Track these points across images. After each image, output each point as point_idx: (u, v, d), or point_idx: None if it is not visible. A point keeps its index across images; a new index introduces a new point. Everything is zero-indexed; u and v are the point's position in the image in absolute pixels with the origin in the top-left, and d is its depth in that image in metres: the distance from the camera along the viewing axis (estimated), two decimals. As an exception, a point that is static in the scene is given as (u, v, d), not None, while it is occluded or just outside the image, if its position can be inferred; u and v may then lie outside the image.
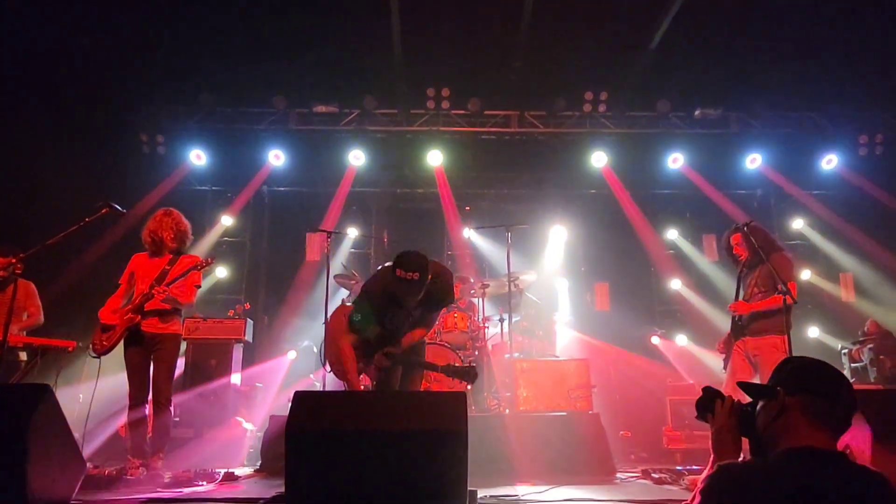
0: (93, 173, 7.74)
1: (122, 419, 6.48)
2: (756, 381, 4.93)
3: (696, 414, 2.04)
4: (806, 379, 1.78)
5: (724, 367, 5.03)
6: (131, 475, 4.30)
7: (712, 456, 1.94)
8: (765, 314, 4.73)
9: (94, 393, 4.82)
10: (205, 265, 4.78)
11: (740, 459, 1.89)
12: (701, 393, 2.04)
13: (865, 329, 7.42)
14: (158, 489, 4.15)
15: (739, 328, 4.89)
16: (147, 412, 4.68)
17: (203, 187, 9.73)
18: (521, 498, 3.57)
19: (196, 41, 7.55)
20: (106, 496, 3.68)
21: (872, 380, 6.87)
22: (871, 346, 7.06)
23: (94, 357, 4.65)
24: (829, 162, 9.24)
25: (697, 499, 1.70)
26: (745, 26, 7.45)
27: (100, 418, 6.28)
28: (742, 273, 5.12)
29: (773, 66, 8.07)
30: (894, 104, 8.90)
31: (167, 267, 4.74)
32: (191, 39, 7.52)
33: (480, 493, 3.33)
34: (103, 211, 4.60)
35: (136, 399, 4.64)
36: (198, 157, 9.04)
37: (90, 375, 6.89)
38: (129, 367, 4.67)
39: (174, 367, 4.81)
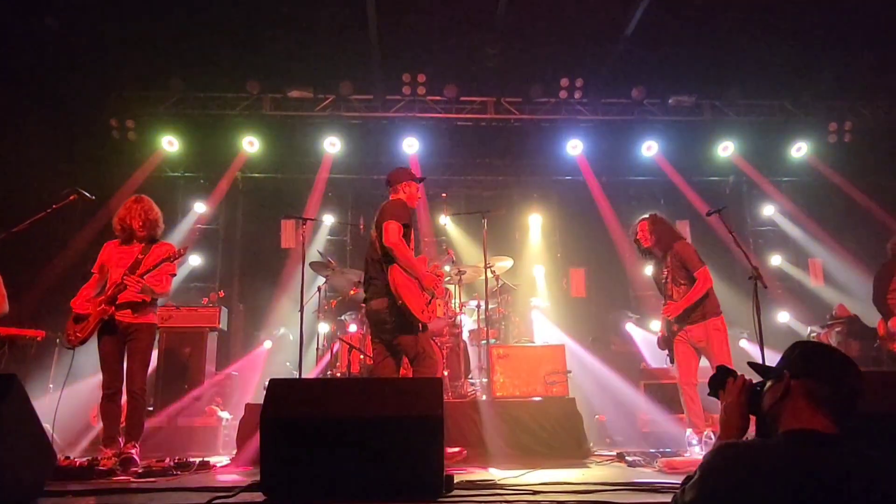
0: (62, 159, 7.58)
1: (94, 408, 6.44)
2: (702, 365, 5.10)
3: (707, 392, 2.11)
4: (811, 363, 1.83)
5: (671, 362, 5.15)
6: (103, 465, 4.25)
7: (719, 432, 2.01)
8: (696, 303, 4.88)
9: (64, 384, 4.72)
10: (178, 256, 4.66)
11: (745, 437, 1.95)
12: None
13: (834, 313, 7.57)
14: (131, 479, 4.10)
15: (677, 321, 5.01)
16: (121, 402, 4.62)
17: (175, 173, 9.57)
18: (498, 482, 3.60)
19: (166, 24, 7.38)
20: (77, 487, 3.62)
21: (839, 362, 7.03)
22: (838, 329, 7.22)
23: (69, 348, 4.57)
24: (799, 150, 9.41)
25: (698, 475, 1.74)
26: (718, 15, 7.50)
27: (88, 413, 6.30)
28: (655, 271, 5.26)
29: (745, 55, 8.16)
30: (863, 92, 9.06)
31: (140, 256, 4.64)
32: (161, 22, 7.34)
33: (457, 479, 3.35)
34: (71, 197, 4.52)
35: (110, 388, 4.56)
36: (170, 144, 8.89)
37: (62, 366, 6.81)
38: (102, 358, 4.60)
39: (149, 357, 4.75)
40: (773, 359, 5.08)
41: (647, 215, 5.26)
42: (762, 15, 7.49)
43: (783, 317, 9.35)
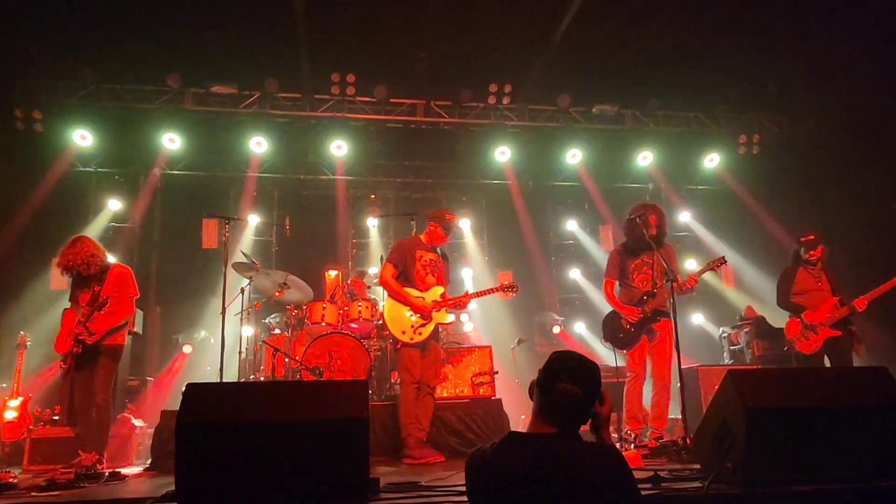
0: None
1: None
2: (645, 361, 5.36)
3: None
4: (540, 372, 2.12)
5: (624, 346, 5.31)
6: (2, 479, 3.96)
7: None
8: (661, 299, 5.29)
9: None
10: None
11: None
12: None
13: (742, 314, 8.01)
14: (33, 493, 3.83)
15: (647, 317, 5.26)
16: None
17: (88, 168, 9.05)
18: (424, 484, 3.58)
19: (79, 9, 6.97)
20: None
21: (748, 361, 7.43)
22: (746, 330, 7.63)
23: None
24: (712, 160, 9.92)
25: None
26: (641, 26, 7.79)
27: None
28: (631, 257, 5.45)
29: (664, 67, 8.50)
30: (769, 107, 9.64)
31: (97, 288, 4.98)
32: (72, 7, 6.93)
33: (383, 482, 3.31)
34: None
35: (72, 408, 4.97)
36: (82, 138, 8.41)
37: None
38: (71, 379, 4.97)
39: (111, 373, 5.02)
40: (687, 358, 5.29)
41: (653, 204, 5.37)
42: (680, 30, 7.84)
43: (697, 318, 9.81)
